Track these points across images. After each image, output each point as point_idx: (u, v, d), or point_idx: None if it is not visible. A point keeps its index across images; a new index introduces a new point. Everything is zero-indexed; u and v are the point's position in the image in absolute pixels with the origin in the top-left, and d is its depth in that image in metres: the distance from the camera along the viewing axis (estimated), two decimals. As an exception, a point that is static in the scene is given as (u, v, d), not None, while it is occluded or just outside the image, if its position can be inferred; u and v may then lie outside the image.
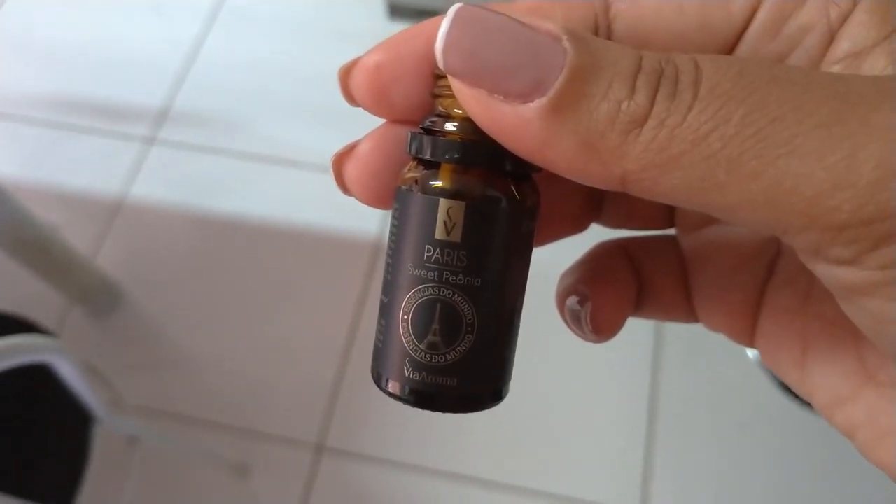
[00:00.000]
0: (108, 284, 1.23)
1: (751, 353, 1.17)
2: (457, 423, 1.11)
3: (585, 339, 0.25)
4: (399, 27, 1.50)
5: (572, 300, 0.25)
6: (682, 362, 1.16)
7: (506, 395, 0.22)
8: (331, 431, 1.13)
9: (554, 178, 0.19)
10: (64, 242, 1.10)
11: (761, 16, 0.19)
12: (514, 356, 0.22)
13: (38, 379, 0.72)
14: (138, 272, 1.28)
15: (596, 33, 0.20)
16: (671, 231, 0.27)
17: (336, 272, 1.26)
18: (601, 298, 0.25)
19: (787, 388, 1.14)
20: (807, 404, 1.12)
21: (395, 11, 1.53)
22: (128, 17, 1.59)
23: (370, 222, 1.29)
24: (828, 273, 0.17)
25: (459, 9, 0.17)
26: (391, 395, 0.21)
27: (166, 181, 1.37)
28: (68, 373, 0.67)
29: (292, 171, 1.36)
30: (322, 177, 1.34)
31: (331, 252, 1.28)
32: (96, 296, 1.21)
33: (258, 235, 1.30)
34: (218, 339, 1.21)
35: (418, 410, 0.21)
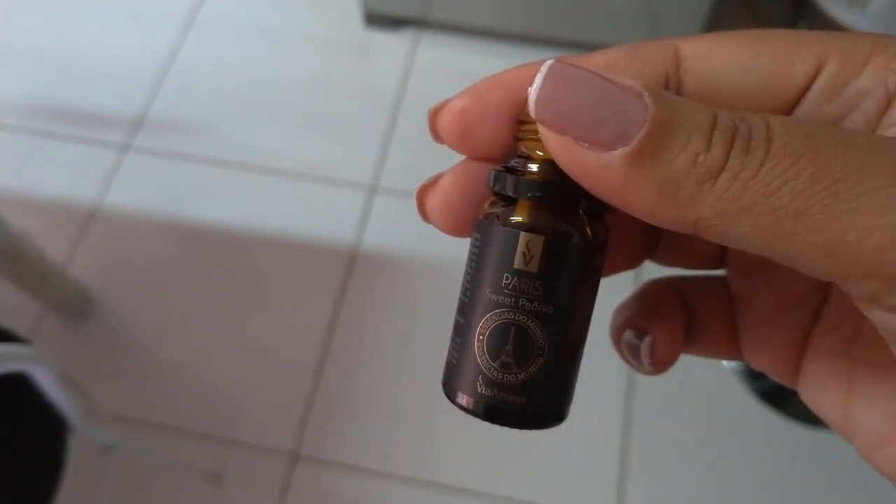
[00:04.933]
0: (83, 292, 1.22)
1: (725, 360, 1.19)
2: (431, 432, 1.12)
3: (641, 371, 0.27)
4: (375, 35, 1.51)
5: (629, 334, 0.27)
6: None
7: (566, 416, 0.24)
8: (305, 439, 1.13)
9: (615, 218, 0.21)
10: (38, 250, 1.09)
11: (822, 80, 0.20)
12: (576, 381, 0.24)
13: (13, 387, 0.71)
14: (113, 280, 1.27)
15: (666, 87, 0.21)
16: (720, 272, 0.28)
17: (311, 280, 1.27)
18: (658, 333, 0.26)
19: (762, 396, 1.15)
20: (790, 414, 1.14)
21: (371, 19, 1.53)
22: (103, 23, 1.59)
23: (346, 230, 1.29)
24: (883, 319, 0.18)
25: (552, 65, 0.19)
26: (463, 408, 0.23)
27: (141, 188, 1.36)
28: (46, 382, 0.67)
29: (268, 178, 1.36)
30: (298, 184, 1.35)
31: (306, 260, 1.28)
32: (70, 303, 1.21)
33: (233, 243, 1.30)
34: (192, 346, 1.21)
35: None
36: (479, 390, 0.22)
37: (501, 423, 0.22)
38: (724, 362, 1.18)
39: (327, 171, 1.36)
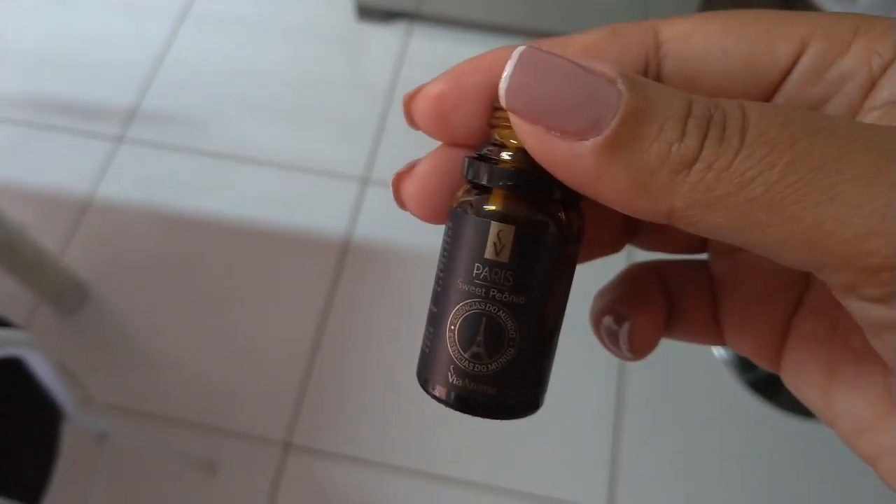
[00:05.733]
0: (76, 283, 1.22)
1: (717, 351, 1.19)
2: (424, 421, 1.12)
3: (621, 357, 0.27)
4: (367, 28, 1.51)
5: (609, 320, 0.26)
6: (648, 359, 1.17)
7: (541, 405, 0.23)
8: (298, 429, 1.13)
9: (595, 203, 0.20)
10: (32, 241, 1.09)
11: (805, 61, 0.20)
12: (550, 370, 0.23)
13: (8, 375, 0.72)
14: (106, 271, 1.28)
15: (646, 71, 0.21)
16: (702, 256, 0.28)
17: (304, 271, 1.27)
18: (638, 319, 0.26)
19: (754, 387, 1.16)
20: (782, 405, 1.14)
21: (364, 12, 1.54)
22: (97, 15, 1.58)
23: (338, 222, 1.30)
24: (859, 308, 0.18)
25: (523, 52, 0.18)
26: (435, 398, 0.22)
27: (134, 180, 1.36)
28: (41, 367, 0.67)
29: (260, 170, 1.36)
30: (290, 175, 1.35)
31: (299, 251, 1.29)
32: (64, 294, 1.21)
33: (226, 234, 1.30)
34: (185, 336, 1.22)
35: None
36: (451, 380, 0.22)
37: (473, 414, 0.22)
38: (716, 353, 1.19)
39: (320, 164, 1.37)
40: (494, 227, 0.21)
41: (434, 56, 1.50)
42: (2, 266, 1.06)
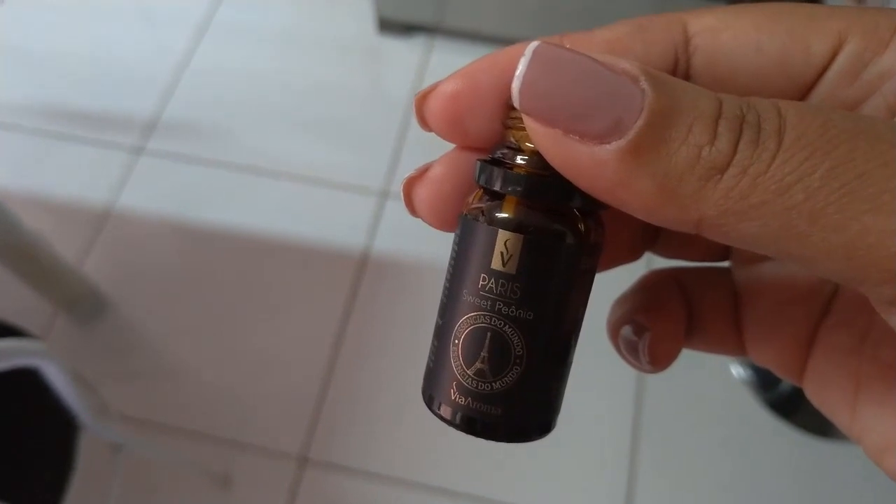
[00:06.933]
0: (94, 292, 1.23)
1: (734, 370, 1.18)
2: (440, 437, 1.11)
3: (640, 369, 0.25)
4: (388, 41, 1.51)
5: (627, 330, 0.25)
6: (666, 379, 1.17)
7: (553, 427, 0.22)
8: (314, 443, 1.13)
9: (613, 209, 0.19)
10: (51, 250, 1.10)
11: (841, 60, 0.19)
12: (563, 390, 0.22)
13: (25, 384, 0.72)
14: (124, 281, 1.28)
15: (675, 67, 0.20)
16: (724, 263, 0.27)
17: (322, 284, 1.27)
18: (658, 329, 0.25)
19: (772, 406, 1.14)
20: (800, 424, 1.13)
21: (385, 26, 1.54)
22: (118, 26, 1.60)
23: (357, 235, 1.30)
24: None
25: (537, 48, 0.17)
26: (440, 417, 0.21)
27: (154, 191, 1.37)
28: (56, 377, 0.67)
29: (280, 182, 1.37)
30: (310, 189, 1.35)
31: (317, 264, 1.28)
32: (82, 304, 1.21)
33: (245, 246, 1.30)
34: (202, 349, 1.21)
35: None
36: (455, 399, 0.20)
37: (478, 435, 0.21)
38: (734, 372, 1.18)
39: (339, 176, 1.37)
40: (502, 235, 0.19)
41: (454, 69, 1.49)
42: (19, 274, 1.06)
